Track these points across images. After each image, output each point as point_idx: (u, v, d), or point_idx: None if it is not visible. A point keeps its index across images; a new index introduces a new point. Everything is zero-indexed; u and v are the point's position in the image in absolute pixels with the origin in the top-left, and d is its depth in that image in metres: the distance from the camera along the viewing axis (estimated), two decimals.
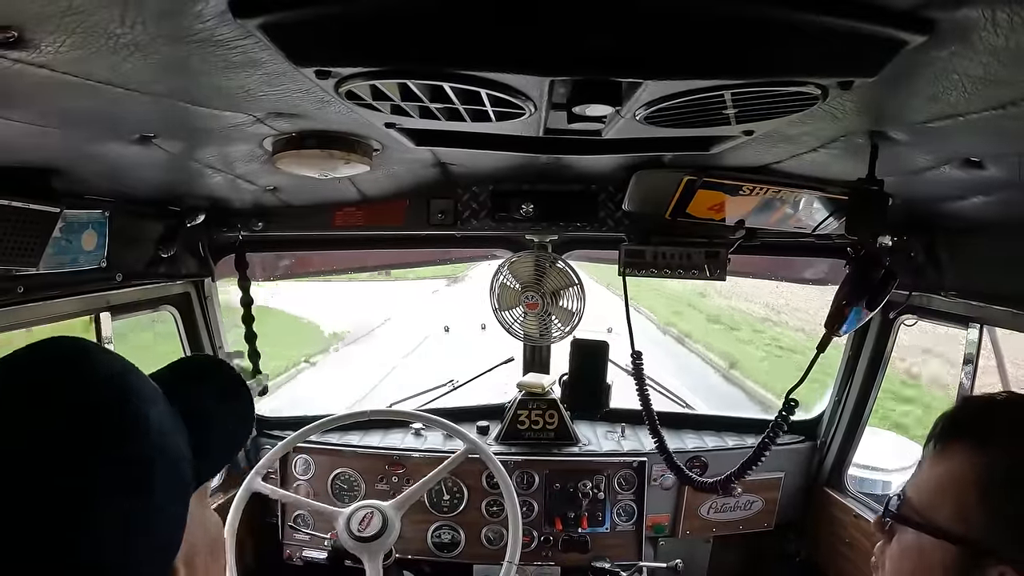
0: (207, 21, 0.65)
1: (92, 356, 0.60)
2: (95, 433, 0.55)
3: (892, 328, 2.18)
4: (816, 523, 2.44)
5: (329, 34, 0.70)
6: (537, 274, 2.20)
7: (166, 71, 0.80)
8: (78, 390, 0.56)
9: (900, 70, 0.72)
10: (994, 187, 1.25)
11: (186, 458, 0.63)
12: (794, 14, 0.66)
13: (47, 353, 0.59)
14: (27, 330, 1.52)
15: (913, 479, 0.83)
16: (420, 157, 1.53)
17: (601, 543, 2.28)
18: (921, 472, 0.82)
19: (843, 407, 2.36)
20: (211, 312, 2.29)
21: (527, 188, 1.98)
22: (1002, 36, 0.61)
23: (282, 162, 1.28)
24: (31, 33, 0.64)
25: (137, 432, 0.58)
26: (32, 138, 1.03)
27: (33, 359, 0.58)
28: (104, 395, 0.57)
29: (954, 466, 0.76)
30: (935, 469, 0.79)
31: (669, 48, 0.71)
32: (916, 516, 0.78)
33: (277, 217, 2.06)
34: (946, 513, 0.75)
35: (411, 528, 2.22)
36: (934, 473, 0.79)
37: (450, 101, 0.87)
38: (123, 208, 1.64)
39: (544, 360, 2.57)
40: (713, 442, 2.45)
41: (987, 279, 1.60)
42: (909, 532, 0.79)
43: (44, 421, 0.53)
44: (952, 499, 0.75)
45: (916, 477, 0.82)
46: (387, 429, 2.50)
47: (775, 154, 1.33)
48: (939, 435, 0.81)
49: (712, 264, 1.87)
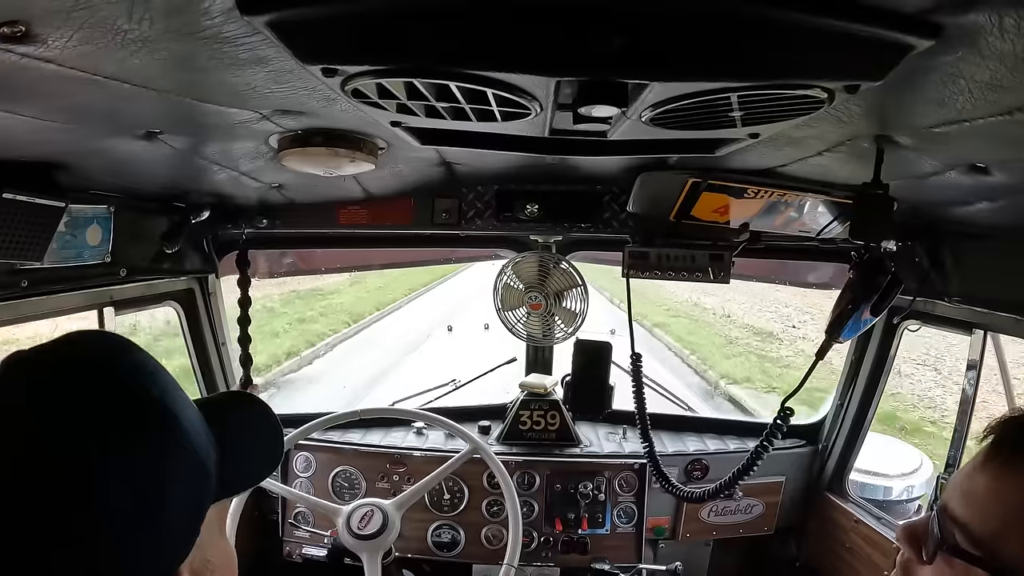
0: (214, 18, 0.65)
1: (133, 350, 0.63)
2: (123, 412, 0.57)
3: (895, 334, 2.17)
4: (817, 528, 2.43)
5: (336, 32, 0.70)
6: (541, 275, 2.20)
7: (173, 67, 0.80)
8: (114, 374, 0.59)
9: (906, 75, 0.72)
10: (1000, 193, 1.25)
11: (212, 460, 0.64)
12: (800, 17, 0.65)
13: (91, 338, 0.63)
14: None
15: (962, 493, 0.64)
16: (425, 156, 1.53)
17: (601, 544, 2.28)
18: (977, 487, 0.63)
19: (845, 412, 2.36)
20: (215, 308, 2.29)
21: (532, 188, 1.98)
22: (1009, 41, 0.61)
23: (287, 159, 1.28)
24: (39, 28, 0.64)
25: (167, 419, 0.59)
26: (38, 133, 1.03)
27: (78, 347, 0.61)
28: (138, 381, 0.60)
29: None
30: (1005, 487, 0.61)
31: (675, 50, 0.71)
32: (975, 549, 0.60)
33: (282, 214, 2.06)
34: (1016, 545, 0.58)
35: (411, 527, 2.22)
36: (1002, 492, 0.61)
37: (456, 100, 0.87)
38: (128, 203, 1.64)
39: (547, 361, 2.57)
40: (715, 445, 2.45)
41: (991, 285, 1.60)
42: (956, 564, 0.62)
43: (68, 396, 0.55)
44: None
45: (968, 492, 0.64)
46: (389, 428, 2.50)
47: (780, 157, 1.33)
48: (1014, 447, 0.62)
49: (716, 267, 1.86)
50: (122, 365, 0.60)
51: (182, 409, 0.62)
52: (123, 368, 0.60)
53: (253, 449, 0.73)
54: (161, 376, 0.62)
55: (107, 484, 0.53)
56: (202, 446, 0.63)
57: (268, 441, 0.76)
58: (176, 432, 0.60)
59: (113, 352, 0.62)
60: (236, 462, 0.68)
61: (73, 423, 0.54)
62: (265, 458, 0.76)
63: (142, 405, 0.58)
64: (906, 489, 3.65)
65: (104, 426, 0.55)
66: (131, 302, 1.92)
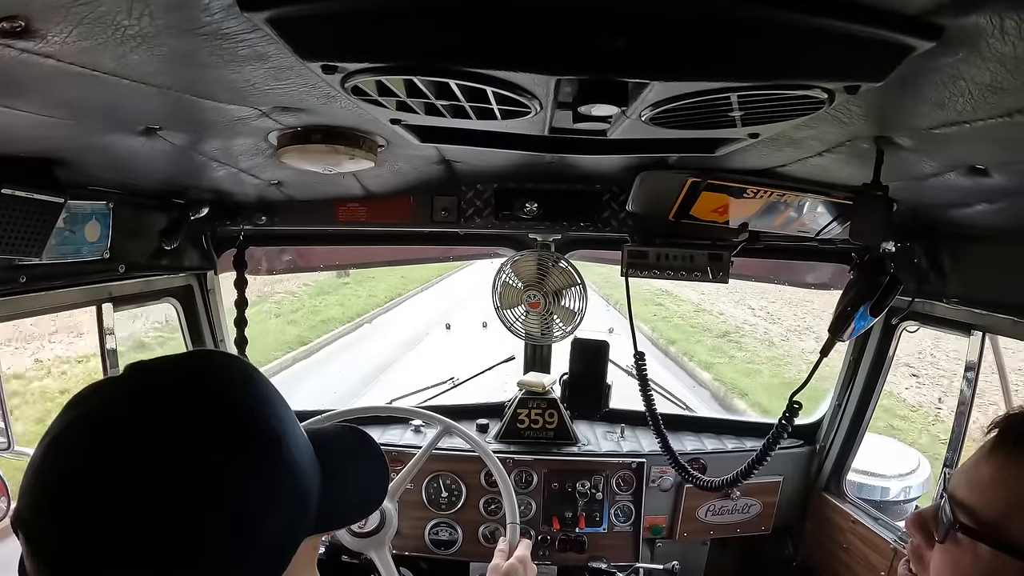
0: (214, 14, 0.65)
1: (253, 375, 0.64)
2: (229, 434, 0.56)
3: (894, 334, 2.18)
4: (814, 528, 2.43)
5: (336, 29, 0.70)
6: (540, 273, 2.20)
7: (172, 63, 0.80)
8: (227, 396, 0.59)
9: (907, 76, 0.72)
10: (999, 195, 1.25)
11: (314, 493, 0.63)
12: (801, 18, 0.65)
13: (212, 358, 0.65)
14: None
15: (968, 481, 0.72)
16: (425, 154, 1.53)
17: (598, 543, 2.28)
18: (983, 475, 0.70)
19: (843, 412, 2.36)
20: (213, 305, 2.29)
21: (531, 187, 1.98)
22: (1010, 43, 0.61)
23: (287, 156, 1.28)
24: (38, 23, 0.64)
25: (274, 447, 0.59)
26: (37, 128, 1.03)
27: (195, 366, 0.63)
28: (249, 406, 0.60)
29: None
30: (1009, 475, 0.68)
31: (676, 50, 0.71)
32: (980, 527, 0.68)
33: (281, 211, 2.06)
34: (1020, 525, 0.65)
35: (409, 525, 2.23)
36: (1007, 479, 0.68)
37: (456, 98, 0.87)
38: (127, 200, 1.64)
39: (545, 359, 2.57)
40: (712, 444, 2.45)
41: (990, 287, 1.60)
42: (964, 542, 0.69)
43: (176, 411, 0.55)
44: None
45: (975, 480, 0.71)
46: (386, 425, 2.49)
47: (780, 157, 1.33)
48: (1016, 439, 0.69)
49: (715, 266, 1.86)
50: (236, 388, 0.60)
51: (291, 438, 0.61)
52: (236, 391, 0.60)
53: (357, 486, 0.72)
54: (274, 401, 0.62)
55: (202, 508, 0.52)
56: (306, 477, 0.62)
57: (373, 479, 0.75)
58: (281, 460, 0.59)
59: (228, 374, 0.61)
60: (338, 498, 0.67)
61: (174, 442, 0.53)
62: (369, 495, 0.75)
63: (248, 431, 0.57)
64: (904, 490, 3.65)
65: (208, 448, 0.54)
66: (130, 298, 1.92)
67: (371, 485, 0.75)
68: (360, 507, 0.75)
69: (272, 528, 0.57)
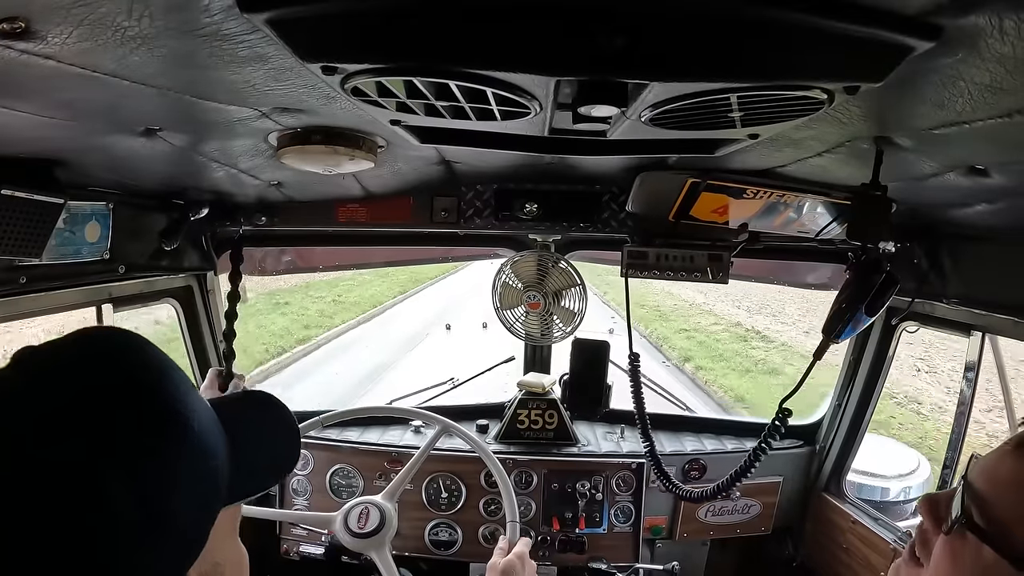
0: (214, 15, 0.65)
1: (145, 348, 0.61)
2: (129, 415, 0.54)
3: (893, 335, 2.18)
4: (813, 528, 2.43)
5: (336, 30, 0.70)
6: (540, 274, 2.20)
7: (172, 64, 0.80)
8: (122, 374, 0.56)
9: (906, 76, 0.72)
10: (999, 195, 1.25)
11: (223, 463, 0.61)
12: (801, 18, 0.65)
13: (102, 336, 0.60)
14: None
15: (988, 472, 0.67)
16: (425, 155, 1.53)
17: (598, 544, 2.28)
18: (1003, 470, 0.65)
19: (843, 413, 2.36)
20: (213, 306, 2.29)
21: (531, 187, 1.98)
22: (1009, 44, 0.61)
23: (286, 157, 1.28)
24: (38, 24, 0.64)
25: (176, 421, 0.57)
26: (37, 129, 1.03)
27: (87, 345, 0.59)
28: (147, 382, 0.57)
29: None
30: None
31: (676, 50, 0.71)
32: (990, 527, 0.64)
33: (281, 212, 2.06)
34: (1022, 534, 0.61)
35: (409, 526, 2.23)
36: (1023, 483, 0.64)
37: (456, 99, 0.87)
38: (127, 200, 1.64)
39: (545, 360, 2.57)
40: (712, 445, 2.45)
41: (989, 287, 1.60)
42: (969, 538, 0.65)
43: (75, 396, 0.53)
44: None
45: (994, 474, 0.66)
46: (386, 426, 2.49)
47: (780, 158, 1.33)
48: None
49: (714, 267, 1.86)
50: (132, 364, 0.58)
51: (193, 411, 0.59)
52: (133, 368, 0.58)
53: (267, 452, 0.71)
54: (173, 375, 0.60)
55: (110, 490, 0.51)
56: (213, 449, 0.60)
57: (283, 444, 0.74)
58: (185, 435, 0.57)
59: (123, 351, 0.59)
60: (249, 465, 0.66)
61: (72, 425, 0.51)
62: (279, 461, 0.74)
63: (149, 407, 0.56)
64: (903, 490, 3.66)
65: (109, 429, 0.52)
66: (130, 299, 1.92)
67: (279, 451, 0.74)
68: (272, 472, 0.74)
69: (184, 502, 0.56)
